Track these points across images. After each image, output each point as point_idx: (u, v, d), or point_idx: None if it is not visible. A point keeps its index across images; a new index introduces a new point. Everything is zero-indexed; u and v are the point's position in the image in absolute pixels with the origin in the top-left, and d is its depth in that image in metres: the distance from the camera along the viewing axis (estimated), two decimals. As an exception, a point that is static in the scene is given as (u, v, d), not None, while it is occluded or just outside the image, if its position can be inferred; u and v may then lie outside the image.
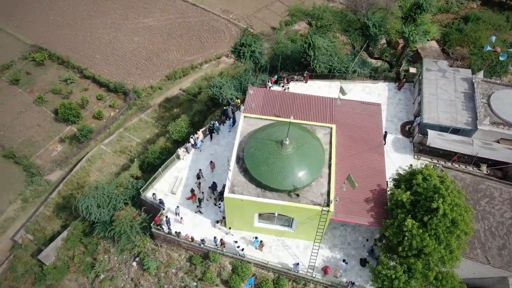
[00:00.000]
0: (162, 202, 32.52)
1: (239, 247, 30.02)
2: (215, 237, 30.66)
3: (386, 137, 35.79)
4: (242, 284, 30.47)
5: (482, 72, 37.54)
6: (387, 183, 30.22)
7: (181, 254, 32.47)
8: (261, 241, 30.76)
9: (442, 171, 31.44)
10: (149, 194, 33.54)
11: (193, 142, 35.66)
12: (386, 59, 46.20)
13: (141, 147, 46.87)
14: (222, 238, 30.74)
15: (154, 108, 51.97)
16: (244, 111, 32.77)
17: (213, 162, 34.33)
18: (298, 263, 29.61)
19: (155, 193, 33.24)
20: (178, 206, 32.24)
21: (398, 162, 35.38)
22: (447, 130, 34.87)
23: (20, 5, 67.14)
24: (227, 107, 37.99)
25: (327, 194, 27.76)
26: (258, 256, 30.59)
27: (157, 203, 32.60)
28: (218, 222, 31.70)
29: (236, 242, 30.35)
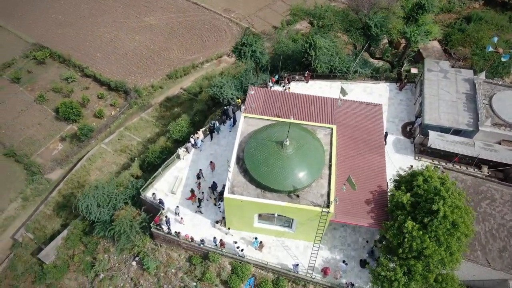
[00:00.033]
0: (162, 202, 32.47)
1: (239, 248, 29.95)
2: (215, 237, 30.59)
3: (386, 137, 35.68)
4: (242, 284, 30.40)
5: (484, 73, 37.34)
6: (388, 184, 30.12)
7: (180, 254, 32.42)
8: (260, 241, 30.68)
9: (443, 173, 31.32)
10: (149, 194, 33.48)
11: (193, 142, 35.57)
12: (387, 59, 45.99)
13: (141, 146, 46.82)
14: (222, 239, 30.67)
15: (155, 107, 51.88)
16: (244, 111, 32.67)
17: (213, 162, 34.25)
18: (297, 264, 29.53)
19: (155, 193, 33.18)
20: (178, 206, 32.18)
21: (399, 163, 35.27)
22: (448, 131, 34.72)
23: (21, 3, 67.15)
24: (228, 107, 37.87)
25: (327, 195, 27.65)
26: (257, 256, 30.51)
27: (157, 203, 32.55)
28: (218, 222, 31.61)
29: (235, 243, 30.26)
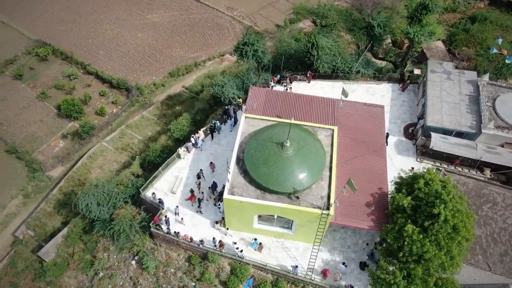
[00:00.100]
0: (161, 201, 32.37)
1: (238, 249, 29.83)
2: (214, 238, 30.47)
3: (387, 138, 35.39)
4: (241, 285, 30.30)
5: (488, 74, 36.94)
6: (388, 186, 29.88)
7: (180, 254, 32.35)
8: (260, 243, 30.55)
9: (445, 175, 31.09)
10: (148, 193, 33.38)
11: (194, 141, 35.42)
12: (390, 60, 45.64)
13: (142, 145, 46.74)
14: (221, 240, 30.54)
15: (156, 105, 51.75)
16: (245, 112, 32.49)
17: (213, 163, 34.06)
18: (297, 266, 29.39)
19: (155, 192, 33.09)
20: (177, 206, 32.06)
21: (400, 164, 35.02)
22: (451, 133, 34.37)
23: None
24: (229, 106, 37.69)
25: (328, 197, 27.48)
26: (257, 257, 30.40)
27: (156, 203, 32.46)
28: (217, 222, 31.47)
29: (235, 244, 30.14)
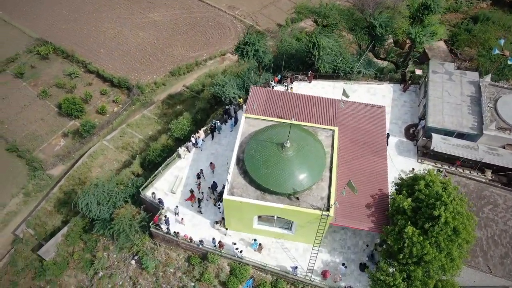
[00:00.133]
0: (161, 201, 32.31)
1: (238, 249, 29.76)
2: (214, 238, 30.40)
3: (388, 138, 35.24)
4: (240, 286, 30.25)
5: (490, 75, 36.75)
6: (389, 187, 29.76)
7: (179, 254, 32.31)
8: (260, 244, 30.50)
9: (446, 177, 30.96)
10: (148, 193, 33.32)
11: (194, 141, 35.33)
12: (392, 60, 45.44)
13: (143, 144, 46.71)
14: (221, 240, 30.46)
15: (157, 104, 51.69)
16: (245, 112, 32.40)
17: (213, 163, 33.95)
18: (296, 267, 29.32)
19: (155, 192, 33.02)
20: (177, 206, 31.99)
21: (401, 165, 34.91)
22: (452, 134, 34.26)
23: (26, -2, 67.17)
24: (229, 106, 37.60)
25: (328, 198, 27.38)
26: (256, 258, 30.33)
27: (156, 203, 32.41)
28: (217, 223, 31.40)
29: (234, 244, 30.06)
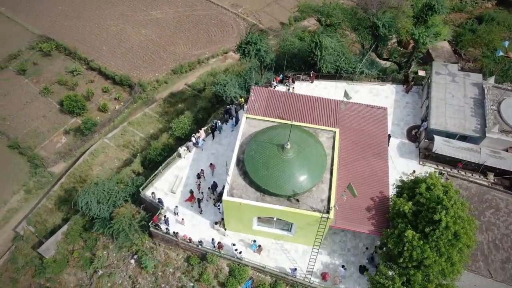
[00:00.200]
0: (161, 201, 32.20)
1: (237, 250, 29.65)
2: (213, 239, 30.29)
3: (389, 140, 34.86)
4: (239, 287, 30.15)
5: (494, 77, 36.38)
6: (390, 190, 29.54)
7: (179, 254, 32.24)
8: (259, 245, 30.39)
9: (447, 180, 30.72)
10: (148, 192, 33.21)
11: (194, 141, 35.17)
12: (395, 60, 45.08)
13: (144, 142, 46.65)
14: (220, 241, 30.35)
15: (159, 102, 51.57)
16: (246, 112, 32.21)
17: (213, 164, 33.76)
18: (296, 269, 29.19)
19: (155, 192, 32.91)
20: (176, 206, 31.87)
21: (403, 167, 34.66)
22: (455, 136, 33.96)
23: (29, -6, 67.08)
24: (231, 106, 37.42)
25: (328, 200, 27.20)
26: (256, 259, 30.21)
27: (156, 202, 32.33)
28: (217, 223, 31.29)
29: (234, 245, 29.95)
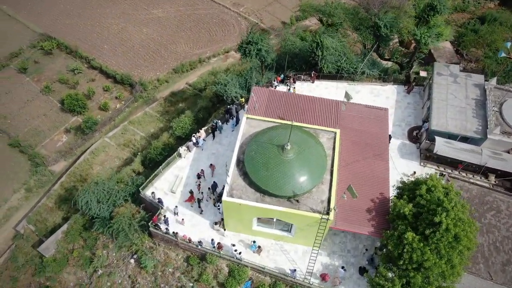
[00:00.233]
0: (161, 201, 32.14)
1: (236, 251, 29.58)
2: (213, 239, 30.23)
3: (390, 140, 34.69)
4: (238, 287, 30.14)
5: (495, 78, 36.19)
6: (390, 191, 29.42)
7: (178, 254, 32.19)
8: (259, 246, 30.33)
9: (448, 181, 30.60)
10: (148, 192, 33.17)
11: (195, 140, 35.10)
12: (396, 61, 44.87)
13: (144, 141, 46.61)
14: (220, 242, 30.29)
15: (159, 102, 51.50)
16: (247, 112, 32.11)
17: (213, 164, 33.70)
18: (295, 269, 29.12)
19: (155, 191, 32.87)
20: (176, 206, 31.82)
21: (403, 168, 34.54)
22: (456, 138, 33.83)
23: (31, -8, 66.98)
24: (231, 106, 37.32)
25: (328, 201, 27.11)
26: (255, 260, 30.13)
27: (156, 202, 32.28)
28: (216, 223, 31.23)
29: (233, 246, 29.89)
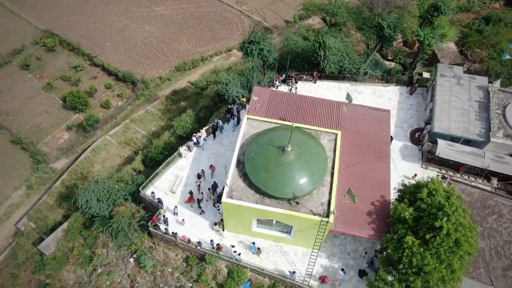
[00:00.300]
0: (160, 201, 32.05)
1: (236, 252, 29.47)
2: (212, 240, 30.16)
3: (391, 141, 34.43)
4: (237, 288, 30.14)
5: (499, 80, 35.81)
6: (391, 194, 29.21)
7: (178, 254, 32.13)
8: (258, 247, 30.22)
9: (450, 184, 30.38)
10: (148, 192, 33.08)
11: (195, 140, 34.97)
12: (399, 62, 44.49)
13: (146, 140, 46.54)
14: (219, 243, 30.20)
15: (161, 100, 51.42)
16: (248, 112, 31.94)
17: (213, 165, 33.58)
18: (294, 271, 29.00)
19: (154, 191, 32.78)
20: (176, 206, 31.72)
21: (405, 170, 34.31)
22: (458, 140, 33.52)
23: (34, -12, 66.88)
24: (232, 106, 37.15)
25: (328, 203, 26.94)
26: (254, 261, 30.04)
27: (155, 202, 32.20)
28: (216, 224, 31.12)
29: (233, 247, 29.76)
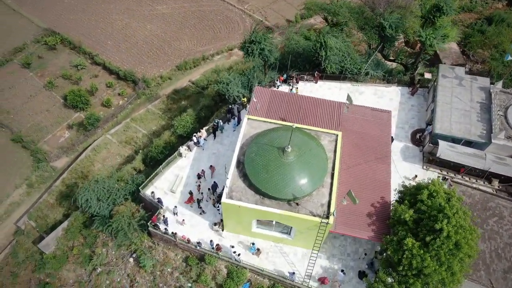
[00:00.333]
0: (160, 201, 32.02)
1: (235, 252, 29.42)
2: (212, 240, 30.13)
3: (392, 142, 34.25)
4: (237, 289, 30.09)
5: (501, 82, 35.62)
6: (392, 195, 29.10)
7: (177, 254, 32.11)
8: (258, 248, 30.16)
9: (451, 186, 30.26)
10: (148, 191, 33.05)
11: (195, 140, 34.91)
12: (401, 62, 44.31)
13: (146, 139, 46.49)
14: (219, 243, 30.16)
15: (162, 99, 51.33)
16: (248, 113, 31.84)
17: (213, 166, 33.53)
18: (294, 272, 28.95)
19: (154, 191, 32.75)
20: (176, 206, 31.68)
21: (406, 171, 34.17)
22: (460, 141, 33.37)
23: (35, -13, 66.80)
24: (233, 105, 37.07)
25: (328, 205, 26.86)
26: (254, 262, 29.98)
27: (155, 202, 32.17)
28: (215, 224, 31.07)
29: (232, 247, 29.71)
